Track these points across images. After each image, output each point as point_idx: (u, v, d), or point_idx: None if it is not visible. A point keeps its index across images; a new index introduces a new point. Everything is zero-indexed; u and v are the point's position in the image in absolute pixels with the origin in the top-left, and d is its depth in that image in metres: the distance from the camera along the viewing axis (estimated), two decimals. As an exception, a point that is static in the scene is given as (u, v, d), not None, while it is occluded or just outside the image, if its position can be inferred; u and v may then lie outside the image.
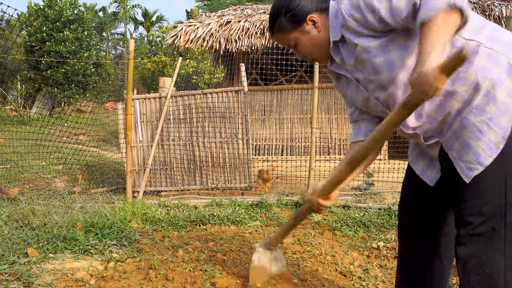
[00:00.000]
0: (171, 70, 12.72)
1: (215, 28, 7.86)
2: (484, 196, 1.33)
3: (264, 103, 8.07)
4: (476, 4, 7.51)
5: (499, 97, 1.28)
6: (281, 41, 1.58)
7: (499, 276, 1.31)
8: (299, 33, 1.50)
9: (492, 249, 1.32)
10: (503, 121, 1.29)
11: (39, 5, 12.23)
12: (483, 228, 1.33)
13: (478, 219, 1.34)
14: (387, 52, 1.35)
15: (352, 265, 2.57)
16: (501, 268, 1.31)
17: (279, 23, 1.51)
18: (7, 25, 13.19)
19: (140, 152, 5.55)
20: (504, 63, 1.29)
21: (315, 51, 1.53)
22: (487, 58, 1.29)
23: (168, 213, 3.96)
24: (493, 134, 1.29)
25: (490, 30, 1.35)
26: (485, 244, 1.33)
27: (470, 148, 1.32)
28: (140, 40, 31.36)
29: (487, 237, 1.33)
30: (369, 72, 1.41)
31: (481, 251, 1.33)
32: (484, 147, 1.30)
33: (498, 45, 1.31)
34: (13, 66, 13.40)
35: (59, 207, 3.99)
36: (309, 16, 1.47)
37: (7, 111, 11.06)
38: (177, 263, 2.41)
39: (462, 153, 1.35)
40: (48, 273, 2.28)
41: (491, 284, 1.32)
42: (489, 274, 1.32)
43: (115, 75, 11.57)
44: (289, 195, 4.75)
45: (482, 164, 1.31)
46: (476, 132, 1.31)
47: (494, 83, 1.28)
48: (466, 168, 1.34)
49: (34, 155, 5.17)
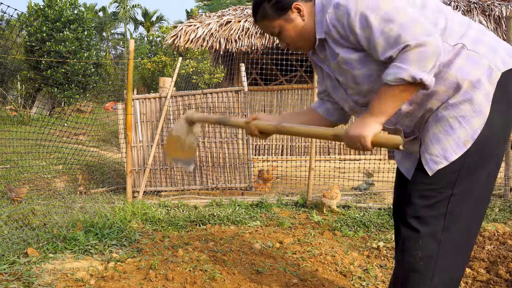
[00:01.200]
0: (171, 70, 12.72)
1: (215, 28, 7.85)
2: (434, 183, 1.37)
3: (264, 103, 8.07)
4: (476, 4, 7.50)
5: (476, 98, 1.30)
6: (264, 29, 1.55)
7: (429, 261, 1.37)
8: (283, 21, 1.47)
9: (429, 236, 1.37)
10: (476, 122, 1.31)
11: (39, 5, 12.23)
12: (425, 212, 1.38)
13: (422, 201, 1.38)
14: (366, 65, 1.37)
15: (352, 265, 2.57)
16: (433, 255, 1.36)
17: (262, 9, 1.49)
18: (7, 25, 13.18)
19: (140, 152, 5.55)
20: (485, 65, 1.31)
21: (299, 40, 1.51)
22: (467, 59, 1.31)
23: (168, 213, 3.96)
24: (463, 132, 1.32)
25: (476, 31, 1.37)
26: (423, 229, 1.38)
27: (439, 142, 1.35)
28: (140, 40, 31.36)
29: (426, 222, 1.37)
30: (349, 80, 1.44)
31: (418, 235, 1.38)
32: (452, 143, 1.33)
33: (481, 47, 1.33)
34: (13, 66, 13.40)
35: (59, 207, 3.99)
36: (295, 3, 1.44)
37: (7, 111, 11.05)
38: (177, 263, 2.41)
39: (429, 146, 1.38)
40: (48, 273, 2.28)
41: (421, 267, 1.38)
42: (420, 257, 1.38)
43: (115, 75, 11.57)
44: (289, 195, 4.75)
45: (447, 159, 1.34)
46: (447, 127, 1.34)
47: (473, 84, 1.30)
48: (430, 161, 1.37)
49: (34, 155, 5.17)
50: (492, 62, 1.31)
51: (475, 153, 1.33)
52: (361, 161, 7.15)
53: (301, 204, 4.31)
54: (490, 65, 1.31)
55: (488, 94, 1.30)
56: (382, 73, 1.35)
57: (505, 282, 2.22)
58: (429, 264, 1.37)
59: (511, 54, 1.36)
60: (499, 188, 4.76)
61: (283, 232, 3.23)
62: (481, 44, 1.33)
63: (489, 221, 3.53)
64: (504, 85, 1.32)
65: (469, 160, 1.34)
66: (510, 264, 2.38)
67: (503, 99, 1.32)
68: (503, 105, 1.33)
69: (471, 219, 1.40)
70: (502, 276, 2.27)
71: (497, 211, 3.90)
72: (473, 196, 1.37)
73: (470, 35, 1.35)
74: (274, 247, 2.82)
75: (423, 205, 1.38)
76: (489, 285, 2.24)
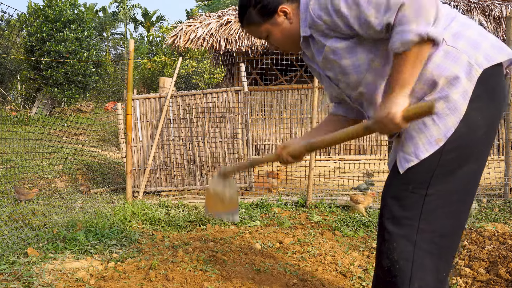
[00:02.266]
0: (171, 70, 12.72)
1: (215, 28, 7.85)
2: (407, 183, 1.32)
3: (264, 103, 8.07)
4: (476, 4, 7.50)
5: (452, 96, 1.25)
6: (252, 33, 1.52)
7: (406, 265, 1.31)
8: (270, 25, 1.44)
9: (403, 237, 1.31)
10: (450, 120, 1.26)
11: (39, 5, 12.22)
12: (398, 213, 1.32)
13: (396, 202, 1.33)
14: (354, 55, 1.32)
15: (352, 265, 2.57)
16: (410, 258, 1.30)
17: (248, 15, 1.45)
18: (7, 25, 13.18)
19: (140, 152, 5.55)
20: (464, 61, 1.25)
21: (287, 43, 1.48)
22: (445, 55, 1.26)
23: (168, 213, 3.96)
24: (436, 130, 1.27)
25: (459, 25, 1.30)
26: (397, 230, 1.32)
27: (412, 139, 1.31)
28: (140, 40, 31.34)
29: (400, 223, 1.32)
30: (337, 72, 1.40)
31: (393, 237, 1.33)
32: (424, 141, 1.28)
33: (461, 42, 1.27)
34: (13, 66, 13.40)
35: (59, 207, 3.99)
36: (280, 7, 1.40)
37: (7, 111, 11.05)
38: (177, 263, 2.41)
39: (404, 144, 1.33)
40: (48, 273, 2.28)
41: (398, 270, 1.31)
42: (396, 260, 1.32)
43: (115, 75, 11.56)
44: (289, 195, 4.75)
45: (418, 157, 1.29)
46: (421, 124, 1.28)
47: (449, 81, 1.25)
48: (403, 158, 1.33)
49: (34, 155, 5.17)
50: (473, 58, 1.25)
51: (452, 152, 1.27)
52: (361, 161, 7.16)
53: (301, 204, 4.31)
54: (470, 61, 1.25)
55: (466, 91, 1.24)
56: (371, 64, 1.31)
57: (505, 282, 2.22)
58: (406, 267, 1.31)
59: (496, 49, 1.28)
60: (499, 188, 4.76)
61: (283, 232, 3.23)
62: (462, 39, 1.27)
63: (489, 221, 3.53)
64: (486, 82, 1.26)
65: (444, 159, 1.28)
66: (510, 264, 2.38)
67: (484, 97, 1.26)
68: (484, 102, 1.27)
69: (450, 221, 1.33)
70: (502, 276, 2.27)
71: (497, 211, 3.90)
72: (451, 197, 1.31)
73: (451, 29, 1.29)
74: (274, 247, 2.82)
75: (397, 206, 1.33)
76: (489, 285, 2.24)
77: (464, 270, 2.39)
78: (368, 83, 1.37)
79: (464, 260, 2.57)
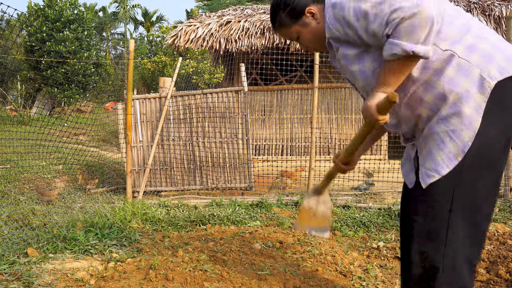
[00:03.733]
0: (171, 70, 12.72)
1: (215, 28, 7.85)
2: (435, 199, 1.38)
3: (264, 103, 8.07)
4: (476, 4, 7.50)
5: (465, 110, 1.29)
6: (283, 35, 1.62)
7: (437, 274, 1.38)
8: (299, 26, 1.54)
9: (433, 249, 1.39)
10: (466, 135, 1.31)
11: (39, 5, 12.22)
12: (427, 227, 1.40)
13: (424, 219, 1.40)
14: (361, 62, 1.43)
15: (352, 265, 2.57)
16: (440, 267, 1.38)
17: (279, 18, 1.56)
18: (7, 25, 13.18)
19: (140, 152, 5.55)
20: (476, 75, 1.29)
21: (316, 42, 1.57)
22: (457, 69, 1.30)
23: (168, 213, 3.96)
24: (454, 146, 1.33)
25: (473, 37, 1.33)
26: (427, 242, 1.40)
27: (432, 156, 1.38)
28: (140, 40, 31.33)
29: (430, 237, 1.39)
30: (348, 75, 1.52)
31: (423, 249, 1.40)
32: (444, 157, 1.35)
33: (474, 56, 1.30)
34: (13, 66, 13.39)
35: (59, 207, 3.99)
36: (307, 8, 1.50)
37: (7, 111, 11.05)
38: (177, 263, 2.41)
39: (425, 160, 1.41)
40: (48, 273, 2.28)
41: (430, 277, 1.39)
42: (428, 268, 1.40)
43: (115, 75, 11.56)
44: (289, 195, 4.75)
45: (439, 173, 1.36)
46: (439, 141, 1.36)
47: (460, 96, 1.30)
48: (425, 174, 1.40)
49: (34, 155, 5.17)
50: (485, 71, 1.28)
51: (472, 166, 1.33)
52: (361, 161, 7.16)
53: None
54: (482, 75, 1.28)
55: (479, 105, 1.28)
56: (374, 71, 1.40)
57: (505, 282, 2.22)
58: (436, 276, 1.38)
59: (510, 61, 1.31)
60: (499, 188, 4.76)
61: (283, 232, 3.23)
62: (476, 51, 1.31)
63: (489, 221, 3.53)
64: (499, 94, 1.29)
65: (466, 173, 1.34)
66: (510, 264, 2.38)
67: (497, 109, 1.29)
68: (498, 115, 1.30)
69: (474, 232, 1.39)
70: (502, 276, 2.27)
71: (497, 211, 3.90)
72: (474, 209, 1.37)
73: (466, 41, 1.32)
74: (274, 247, 2.82)
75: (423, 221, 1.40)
76: (489, 285, 2.24)
77: (464, 270, 2.38)
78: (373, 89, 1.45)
79: (464, 260, 2.56)
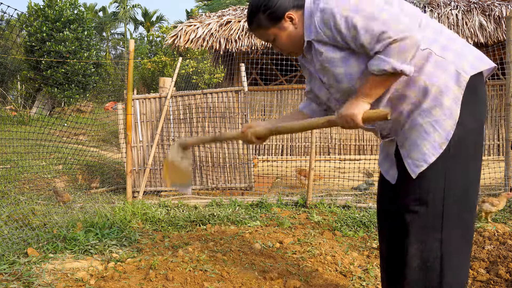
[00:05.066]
0: (171, 70, 12.72)
1: (215, 28, 7.86)
2: (426, 188, 1.45)
3: (264, 103, 8.07)
4: (476, 4, 7.50)
5: (445, 102, 1.41)
6: (259, 36, 1.65)
7: (435, 262, 1.45)
8: (277, 29, 1.57)
9: (431, 238, 1.45)
10: (447, 124, 1.41)
11: (39, 5, 12.22)
12: (424, 217, 1.46)
13: (421, 208, 1.46)
14: (348, 64, 1.47)
15: (352, 265, 2.57)
16: (438, 255, 1.45)
17: (257, 19, 1.58)
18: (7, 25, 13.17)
19: (140, 152, 5.55)
20: (452, 70, 1.41)
21: (291, 46, 1.61)
22: (435, 65, 1.42)
23: (168, 213, 3.96)
24: (438, 135, 1.42)
25: (446, 39, 1.47)
26: (425, 232, 1.46)
27: (417, 147, 1.45)
28: (140, 40, 31.33)
29: (427, 226, 1.46)
30: (331, 78, 1.54)
31: (421, 239, 1.46)
32: (429, 146, 1.43)
33: (449, 54, 1.43)
34: (13, 66, 13.39)
35: (59, 207, 3.99)
36: (287, 13, 1.53)
37: (7, 111, 11.04)
38: (177, 263, 2.41)
39: (410, 151, 1.48)
40: (48, 273, 2.28)
41: (429, 268, 1.46)
42: (426, 259, 1.46)
43: (115, 75, 11.55)
44: (289, 195, 4.75)
45: (426, 161, 1.44)
46: (423, 132, 1.44)
47: (441, 89, 1.41)
48: (413, 165, 1.47)
49: (34, 155, 5.17)
50: (460, 67, 1.41)
51: (456, 154, 1.43)
52: (361, 161, 7.16)
53: (301, 204, 4.31)
54: (458, 70, 1.41)
55: (457, 97, 1.41)
56: (361, 74, 1.45)
57: (505, 282, 2.23)
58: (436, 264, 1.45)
59: (480, 59, 1.46)
60: (499, 188, 4.76)
61: (283, 232, 3.23)
62: (449, 51, 1.44)
63: (489, 221, 3.53)
64: (474, 87, 1.43)
65: (452, 162, 1.43)
66: (510, 264, 2.38)
67: (472, 100, 1.43)
68: (473, 105, 1.44)
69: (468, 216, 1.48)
70: (502, 276, 2.27)
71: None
72: (464, 195, 1.46)
73: (440, 42, 1.45)
74: (274, 247, 2.82)
75: (418, 210, 1.46)
76: (489, 285, 2.24)
77: (464, 270, 2.38)
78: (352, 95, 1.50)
79: (464, 260, 2.57)
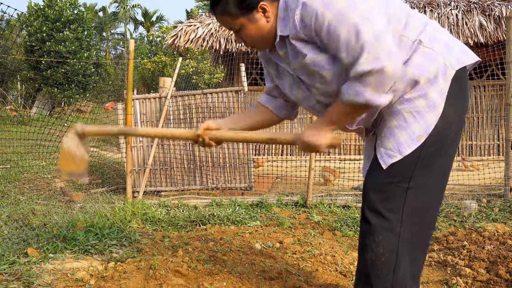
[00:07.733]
0: (171, 70, 12.72)
1: (215, 28, 7.86)
2: (391, 177, 1.38)
3: (264, 103, 8.06)
4: (476, 4, 7.50)
5: (430, 94, 1.33)
6: (222, 23, 1.46)
7: (391, 257, 1.37)
8: (246, 20, 1.40)
9: (388, 230, 1.37)
10: (429, 117, 1.34)
11: (39, 5, 12.23)
12: (382, 206, 1.38)
13: (379, 195, 1.39)
14: (335, 65, 1.35)
15: (352, 265, 2.57)
16: (394, 249, 1.36)
17: (224, 3, 1.38)
18: (7, 25, 13.18)
19: (140, 152, 5.55)
20: (441, 62, 1.35)
21: (259, 40, 1.45)
22: (423, 56, 1.34)
23: (168, 213, 3.96)
24: (417, 127, 1.34)
25: (432, 29, 1.40)
26: (382, 224, 1.38)
27: (394, 136, 1.37)
28: (140, 40, 31.35)
29: (385, 216, 1.38)
30: (317, 80, 1.41)
31: (377, 230, 1.38)
32: (406, 137, 1.35)
33: (437, 45, 1.36)
34: (13, 66, 13.39)
35: (59, 207, 3.99)
36: (261, 3, 1.37)
37: (7, 111, 11.05)
38: (177, 263, 2.41)
39: (384, 140, 1.39)
40: (48, 273, 2.28)
41: (383, 262, 1.38)
42: (382, 253, 1.37)
43: (115, 75, 11.56)
44: (289, 195, 4.75)
45: (401, 153, 1.36)
46: (402, 120, 1.36)
47: (429, 81, 1.34)
48: (385, 154, 1.38)
49: (34, 155, 5.17)
50: (447, 60, 1.35)
51: (432, 146, 1.36)
52: (361, 161, 7.15)
53: (301, 204, 4.31)
54: (446, 63, 1.35)
55: (442, 90, 1.34)
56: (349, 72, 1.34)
57: (505, 282, 2.22)
58: (391, 259, 1.37)
59: (465, 53, 1.40)
60: (499, 188, 4.76)
61: (283, 232, 3.23)
62: (437, 42, 1.37)
63: (489, 221, 3.53)
64: (459, 81, 1.37)
65: (425, 153, 1.36)
66: (510, 264, 2.38)
67: (456, 95, 1.37)
68: (457, 100, 1.38)
69: (429, 212, 1.42)
70: (502, 276, 2.27)
71: (497, 211, 3.90)
72: (429, 189, 1.40)
73: (428, 32, 1.38)
74: (274, 247, 2.82)
75: (380, 199, 1.39)
76: (489, 285, 2.24)
77: (464, 270, 2.39)
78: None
79: (464, 260, 2.57)
